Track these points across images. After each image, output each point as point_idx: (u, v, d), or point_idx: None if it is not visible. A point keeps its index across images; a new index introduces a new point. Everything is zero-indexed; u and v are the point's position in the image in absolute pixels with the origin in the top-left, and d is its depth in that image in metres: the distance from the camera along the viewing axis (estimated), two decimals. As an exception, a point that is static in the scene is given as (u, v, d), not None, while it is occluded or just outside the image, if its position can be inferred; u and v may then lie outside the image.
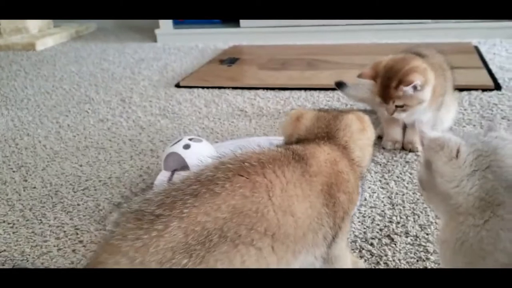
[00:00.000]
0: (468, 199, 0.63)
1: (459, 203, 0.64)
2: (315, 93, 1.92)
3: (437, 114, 1.34)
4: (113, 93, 2.11)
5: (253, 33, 2.81)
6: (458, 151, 0.64)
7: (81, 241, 1.09)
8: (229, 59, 2.43)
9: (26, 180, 1.39)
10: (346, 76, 1.71)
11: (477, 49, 2.26)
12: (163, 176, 1.25)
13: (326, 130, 0.83)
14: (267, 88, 2.01)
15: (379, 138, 1.41)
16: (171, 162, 1.29)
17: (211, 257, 0.62)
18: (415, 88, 1.20)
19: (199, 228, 0.62)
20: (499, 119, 1.52)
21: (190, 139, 1.30)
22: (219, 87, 2.07)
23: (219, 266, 0.62)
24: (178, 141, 1.30)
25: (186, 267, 0.60)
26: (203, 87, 2.09)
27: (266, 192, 0.68)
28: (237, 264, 0.63)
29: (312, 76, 2.09)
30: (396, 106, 1.24)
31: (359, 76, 1.31)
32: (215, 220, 0.63)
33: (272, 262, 0.67)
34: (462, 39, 2.41)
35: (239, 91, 2.02)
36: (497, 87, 1.77)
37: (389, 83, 1.22)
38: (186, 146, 1.27)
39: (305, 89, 1.96)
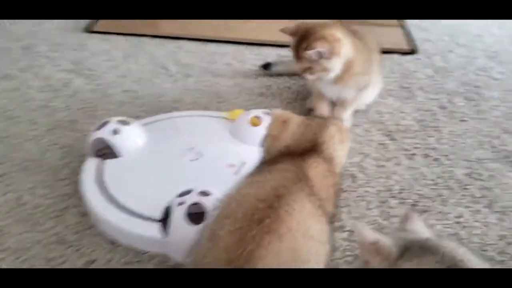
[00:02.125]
0: None
1: None
2: (241, 48, 1.85)
3: (362, 93, 1.38)
4: (12, 38, 1.87)
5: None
6: (390, 255, 0.71)
7: (8, 248, 1.01)
8: None
9: None
10: (272, 28, 1.71)
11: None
12: (91, 164, 1.17)
13: (313, 143, 0.87)
14: (190, 39, 1.90)
15: (311, 111, 1.44)
16: (97, 147, 1.21)
17: None
18: (321, 55, 1.22)
19: None
20: (416, 89, 1.60)
21: (118, 121, 1.22)
22: (138, 35, 1.92)
23: None
24: (105, 123, 1.21)
25: None
26: (118, 33, 1.92)
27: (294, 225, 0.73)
28: None
29: (238, 26, 2.00)
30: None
31: (282, 30, 1.30)
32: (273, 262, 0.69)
33: None
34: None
35: (160, 40, 1.89)
36: (413, 50, 1.84)
37: (301, 43, 1.24)
38: (115, 131, 1.19)
39: (232, 42, 1.88)
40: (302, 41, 1.24)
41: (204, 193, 1.00)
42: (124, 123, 1.22)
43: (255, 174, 0.85)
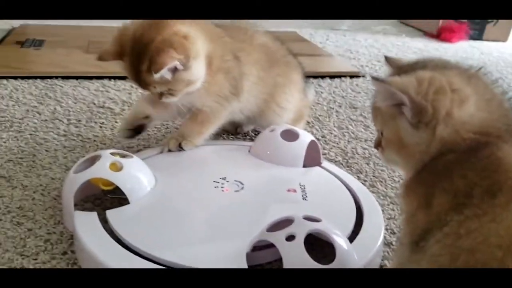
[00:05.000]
0: None
1: None
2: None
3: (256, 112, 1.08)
4: None
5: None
6: None
7: None
8: (31, 40, 1.80)
9: None
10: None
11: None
12: (88, 224, 0.75)
13: None
14: (113, 77, 1.54)
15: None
16: (85, 193, 0.80)
17: None
18: (175, 69, 0.85)
19: None
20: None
21: (113, 154, 0.83)
22: (44, 77, 1.48)
23: None
24: (94, 159, 0.81)
25: None
26: (15, 77, 1.46)
27: None
28: None
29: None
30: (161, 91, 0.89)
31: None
32: None
33: None
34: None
35: (74, 81, 1.49)
36: (362, 73, 1.78)
37: (139, 65, 0.84)
38: (117, 167, 0.80)
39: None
40: (138, 60, 0.84)
41: (312, 219, 0.68)
42: (124, 156, 0.84)
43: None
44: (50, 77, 1.48)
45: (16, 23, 2.09)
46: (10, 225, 0.79)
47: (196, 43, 0.87)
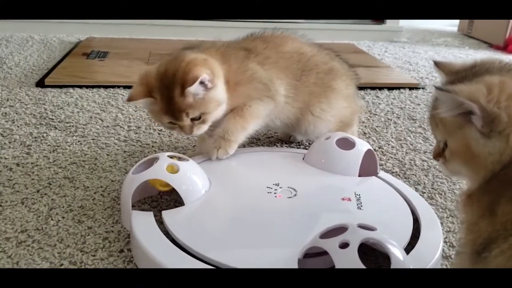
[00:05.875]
0: None
1: None
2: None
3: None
4: None
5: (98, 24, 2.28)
6: None
7: None
8: (96, 52, 1.89)
9: None
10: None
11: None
12: (144, 223, 0.77)
13: None
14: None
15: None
16: (142, 195, 0.82)
17: None
18: (205, 86, 0.89)
19: None
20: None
21: (171, 157, 0.85)
22: (107, 86, 1.55)
23: None
24: (152, 161, 0.83)
25: None
26: (81, 86, 1.54)
27: None
28: None
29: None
30: (192, 120, 0.92)
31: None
32: None
33: None
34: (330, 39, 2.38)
35: (135, 91, 1.54)
36: (422, 85, 1.73)
37: (172, 93, 0.88)
38: (174, 169, 0.82)
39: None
40: (170, 90, 0.88)
41: (367, 228, 0.67)
42: (180, 159, 0.86)
43: None
44: (113, 86, 1.54)
45: (83, 36, 2.21)
46: (72, 223, 0.83)
47: (215, 65, 0.93)
